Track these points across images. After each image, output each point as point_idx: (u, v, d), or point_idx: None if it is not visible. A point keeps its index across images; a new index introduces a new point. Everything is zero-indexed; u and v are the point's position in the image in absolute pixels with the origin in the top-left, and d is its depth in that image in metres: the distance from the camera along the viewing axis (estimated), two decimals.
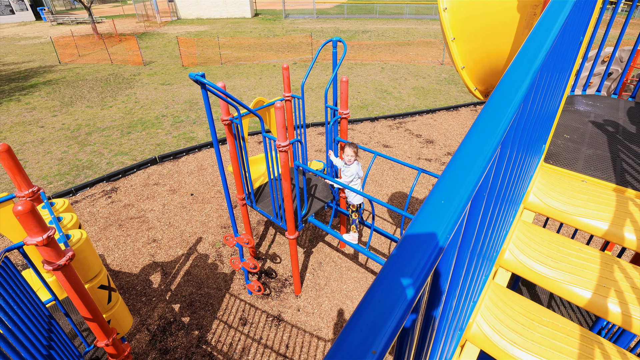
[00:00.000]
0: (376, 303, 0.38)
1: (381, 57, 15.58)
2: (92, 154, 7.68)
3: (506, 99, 0.69)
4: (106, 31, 21.99)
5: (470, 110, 9.99)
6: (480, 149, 0.59)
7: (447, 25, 2.25)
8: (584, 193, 1.69)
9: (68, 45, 17.35)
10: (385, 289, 0.40)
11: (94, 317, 2.37)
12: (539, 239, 1.57)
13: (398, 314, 0.38)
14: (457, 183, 0.53)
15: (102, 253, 5.03)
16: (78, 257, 2.41)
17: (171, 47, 18.04)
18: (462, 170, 0.56)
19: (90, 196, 6.29)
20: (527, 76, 0.74)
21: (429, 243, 0.44)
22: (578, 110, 2.58)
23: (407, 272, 0.41)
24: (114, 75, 13.55)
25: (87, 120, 9.38)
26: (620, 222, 1.53)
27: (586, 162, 1.93)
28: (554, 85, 1.39)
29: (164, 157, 7.39)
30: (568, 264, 1.44)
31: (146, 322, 4.01)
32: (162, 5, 29.46)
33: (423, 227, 0.46)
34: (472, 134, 0.62)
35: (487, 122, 0.64)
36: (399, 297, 0.39)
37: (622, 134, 2.20)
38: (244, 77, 13.09)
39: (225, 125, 3.49)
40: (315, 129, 8.63)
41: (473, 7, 2.11)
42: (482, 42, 2.15)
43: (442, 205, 0.49)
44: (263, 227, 5.51)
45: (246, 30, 22.54)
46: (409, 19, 28.01)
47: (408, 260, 0.43)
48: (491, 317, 1.39)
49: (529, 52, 0.82)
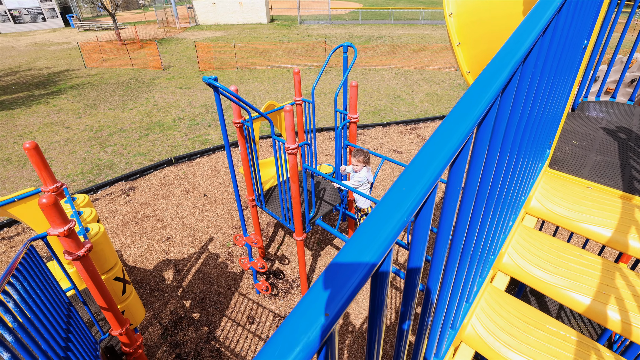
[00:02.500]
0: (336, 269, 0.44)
1: (395, 63, 15.59)
2: (113, 154, 8.00)
3: (486, 80, 0.69)
4: (129, 37, 22.85)
5: None
6: (453, 130, 0.59)
7: (453, 30, 2.28)
8: (588, 199, 1.68)
9: (93, 51, 18.13)
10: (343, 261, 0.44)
11: (109, 307, 2.50)
12: (539, 244, 1.58)
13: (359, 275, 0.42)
14: (426, 162, 0.54)
15: (119, 249, 5.24)
16: (95, 249, 2.56)
17: (189, 52, 18.58)
18: (433, 148, 0.56)
19: (109, 194, 6.56)
20: (505, 69, 0.74)
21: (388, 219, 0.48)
22: (590, 116, 2.55)
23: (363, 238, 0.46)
24: (134, 79, 14.06)
25: (109, 122, 9.79)
26: (625, 230, 1.51)
27: (593, 168, 1.91)
28: (555, 88, 1.40)
29: (180, 159, 7.63)
30: (568, 270, 1.44)
31: (158, 317, 4.15)
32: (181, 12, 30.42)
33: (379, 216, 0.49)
34: (446, 121, 0.62)
35: (466, 101, 0.64)
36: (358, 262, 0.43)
37: (634, 140, 2.16)
38: (258, 81, 13.35)
39: (237, 127, 3.61)
40: (326, 134, 8.73)
41: (478, 12, 2.14)
42: (487, 47, 2.18)
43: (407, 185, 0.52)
44: (272, 228, 5.61)
45: (262, 36, 22.98)
46: (424, 24, 27.90)
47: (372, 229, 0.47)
48: (486, 319, 1.40)
49: (516, 37, 0.82)
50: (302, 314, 0.39)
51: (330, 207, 4.22)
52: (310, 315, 0.39)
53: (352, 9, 36.30)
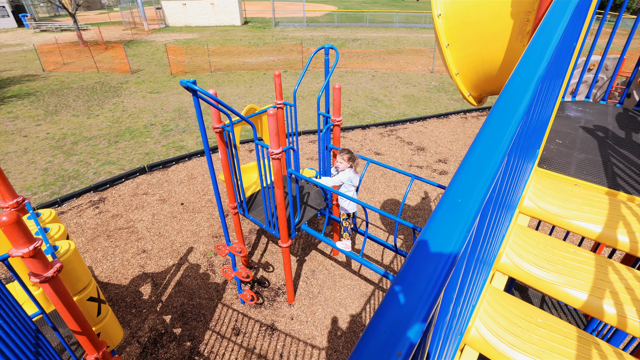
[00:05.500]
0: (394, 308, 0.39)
1: (372, 65, 15.81)
2: (79, 163, 7.52)
3: (511, 109, 0.70)
4: (92, 39, 21.75)
5: (460, 118, 10.18)
6: (489, 157, 0.60)
7: (442, 32, 2.27)
8: (577, 197, 1.72)
9: (52, 53, 17.07)
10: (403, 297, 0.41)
11: (83, 330, 2.31)
12: (535, 242, 1.59)
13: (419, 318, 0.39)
14: (468, 191, 0.55)
15: (90, 265, 4.90)
16: (66, 269, 2.36)
17: (159, 55, 17.95)
18: (472, 178, 0.57)
19: (77, 207, 6.15)
20: (530, 86, 0.76)
21: (442, 251, 0.46)
22: (569, 116, 2.63)
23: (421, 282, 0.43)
24: (100, 83, 13.37)
25: (73, 130, 9.21)
26: (612, 225, 1.55)
27: (578, 166, 1.96)
28: (551, 92, 1.43)
29: (153, 167, 7.29)
30: (563, 267, 1.46)
31: (136, 335, 3.91)
32: (149, 13, 29.35)
33: (436, 234, 0.48)
34: (480, 141, 0.64)
35: (494, 131, 0.66)
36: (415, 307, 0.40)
37: (612, 139, 2.26)
38: (234, 85, 13.09)
39: (216, 133, 3.48)
40: (306, 137, 8.67)
41: (467, 13, 2.14)
42: (476, 49, 2.17)
43: (454, 214, 0.50)
44: (255, 235, 5.47)
45: (236, 39, 22.62)
46: (398, 27, 28.57)
47: (421, 270, 0.44)
48: (490, 320, 1.39)
49: (532, 60, 0.83)
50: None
51: (315, 211, 4.15)
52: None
53: (327, 12, 36.58)
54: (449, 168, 7.38)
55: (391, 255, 5.10)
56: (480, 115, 10.41)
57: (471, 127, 9.52)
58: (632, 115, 2.60)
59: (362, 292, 4.47)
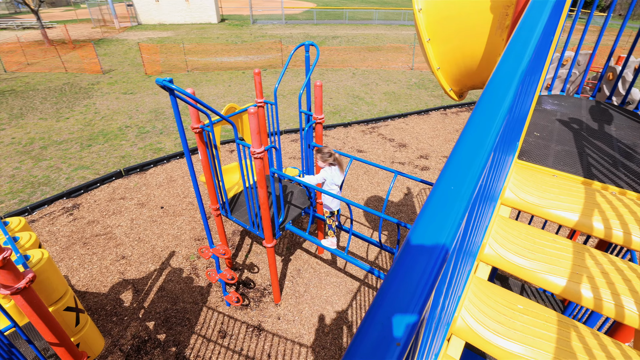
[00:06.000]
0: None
1: (352, 63, 15.88)
2: (49, 169, 7.17)
3: (497, 103, 0.72)
4: (58, 37, 20.72)
5: (440, 114, 10.38)
6: (477, 151, 0.61)
7: (422, 26, 2.27)
8: (555, 187, 1.78)
9: (14, 53, 16.15)
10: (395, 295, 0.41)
11: (61, 342, 2.21)
12: (516, 233, 1.64)
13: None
14: (458, 183, 0.55)
15: (66, 274, 4.70)
16: (40, 279, 2.25)
17: (132, 54, 17.35)
18: (461, 171, 0.57)
19: (49, 214, 5.87)
20: (515, 79, 0.77)
21: (434, 248, 0.46)
22: (545, 109, 2.70)
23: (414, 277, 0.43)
24: (69, 84, 12.79)
25: (41, 134, 8.77)
26: (588, 213, 1.62)
27: (556, 157, 2.02)
28: (531, 86, 1.46)
29: (130, 170, 7.06)
30: (543, 255, 1.51)
31: (118, 343, 3.78)
32: (120, 10, 28.24)
33: (428, 228, 0.48)
34: (467, 135, 0.65)
35: (481, 125, 0.67)
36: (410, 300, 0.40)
37: (586, 130, 2.35)
38: (212, 84, 12.84)
39: (196, 133, 3.40)
40: (288, 136, 8.62)
41: (448, 8, 2.15)
42: (457, 43, 2.19)
43: (444, 207, 0.51)
44: (239, 237, 5.39)
45: (212, 37, 22.17)
46: (378, 24, 28.80)
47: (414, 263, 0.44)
48: (475, 309, 1.43)
49: (515, 54, 0.85)
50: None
51: (299, 210, 4.14)
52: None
53: (306, 9, 36.40)
54: (431, 163, 7.52)
55: (376, 251, 5.16)
56: (460, 111, 10.66)
57: (451, 122, 9.72)
58: (603, 108, 2.72)
59: (348, 289, 4.50)
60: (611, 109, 2.69)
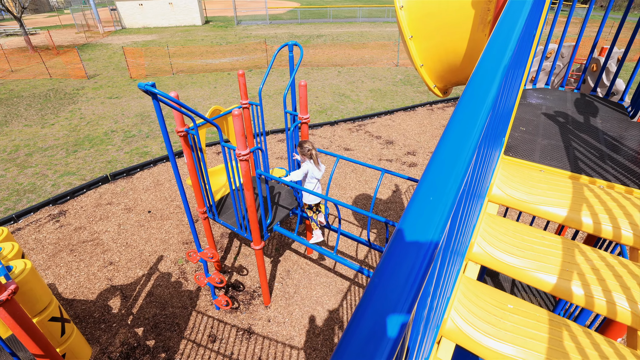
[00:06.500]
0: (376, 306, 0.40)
1: (337, 61, 15.91)
2: (35, 176, 7.06)
3: (480, 98, 0.70)
4: (42, 43, 20.35)
5: (426, 110, 10.44)
6: (461, 148, 0.60)
7: (404, 24, 2.25)
8: (542, 182, 1.73)
9: None
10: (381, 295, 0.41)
11: (46, 353, 2.20)
12: (504, 230, 1.60)
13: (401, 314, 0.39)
14: (442, 181, 0.54)
15: (53, 282, 4.64)
16: (23, 290, 2.23)
17: (117, 58, 17.11)
18: (445, 168, 0.57)
19: (35, 222, 5.79)
20: (497, 74, 0.76)
21: (421, 246, 0.46)
22: (530, 103, 2.65)
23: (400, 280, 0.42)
24: (54, 90, 12.57)
25: (26, 141, 8.63)
26: (577, 208, 1.59)
27: (542, 152, 1.98)
28: (515, 80, 1.43)
29: (117, 175, 6.98)
30: (533, 252, 1.48)
31: (107, 350, 3.76)
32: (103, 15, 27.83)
33: (414, 225, 0.48)
34: (450, 132, 0.64)
35: (464, 122, 0.66)
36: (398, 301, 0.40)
37: (571, 124, 2.31)
38: (197, 86, 12.75)
39: (180, 137, 3.39)
40: (274, 136, 8.61)
41: (429, 4, 2.13)
42: (439, 40, 2.18)
43: (430, 204, 0.50)
44: (227, 239, 5.39)
45: (197, 39, 21.98)
46: (362, 22, 28.84)
47: (401, 264, 0.44)
48: (464, 310, 1.39)
49: (497, 48, 0.84)
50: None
51: (287, 211, 4.16)
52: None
53: (290, 8, 36.28)
54: (418, 160, 7.59)
55: (365, 249, 5.20)
56: (446, 106, 10.74)
57: (437, 118, 9.80)
58: (588, 100, 2.68)
59: (338, 289, 4.53)
60: (596, 101, 2.67)
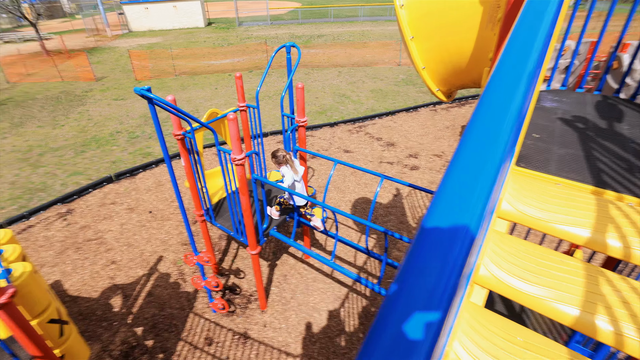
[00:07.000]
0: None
1: (338, 61, 15.86)
2: (46, 175, 7.30)
3: (504, 105, 0.66)
4: (55, 48, 20.79)
5: (429, 110, 10.23)
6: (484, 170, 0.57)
7: (405, 23, 2.11)
8: (559, 197, 1.53)
9: (15, 64, 16.36)
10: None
11: (45, 355, 2.29)
12: (514, 250, 1.40)
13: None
14: (466, 203, 0.49)
15: (60, 278, 4.79)
16: (22, 293, 2.33)
17: (123, 61, 17.41)
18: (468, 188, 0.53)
19: (45, 219, 5.99)
20: (521, 82, 0.69)
21: (459, 229, 0.42)
22: (544, 106, 2.36)
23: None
24: (65, 92, 12.89)
25: (39, 141, 8.92)
26: (601, 228, 1.38)
27: (559, 163, 1.77)
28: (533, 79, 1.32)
29: (120, 175, 7.14)
30: (549, 278, 1.29)
31: (108, 349, 3.87)
32: (112, 19, 28.28)
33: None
34: (467, 149, 0.61)
35: (484, 139, 0.62)
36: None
37: (592, 130, 2.03)
38: (199, 88, 12.89)
39: (178, 140, 3.46)
40: (274, 138, 8.64)
41: (432, 2, 2.00)
42: (443, 40, 2.04)
43: (453, 229, 0.45)
44: (225, 241, 5.47)
45: (200, 40, 22.19)
46: (364, 21, 28.61)
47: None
48: (469, 342, 1.24)
49: (524, 41, 0.76)
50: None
51: (283, 216, 4.20)
52: None
53: (291, 9, 36.27)
54: (420, 162, 7.45)
55: (365, 256, 5.13)
56: (450, 107, 10.45)
57: (441, 119, 9.58)
58: (611, 103, 2.36)
59: (335, 296, 4.49)
60: (621, 104, 2.34)
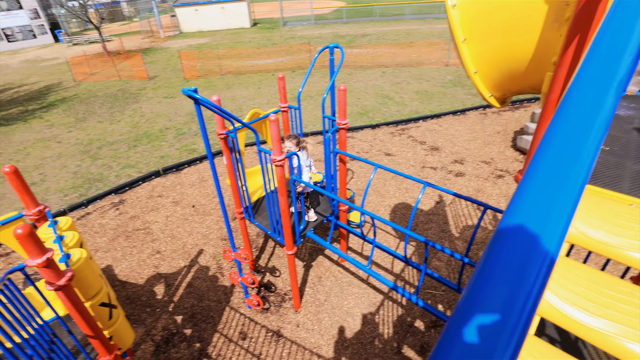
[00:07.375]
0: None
1: (382, 61, 15.58)
2: (103, 167, 7.94)
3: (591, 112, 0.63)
4: (115, 49, 22.72)
5: (479, 114, 9.61)
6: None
7: (457, 25, 1.97)
8: (633, 221, 1.35)
9: (81, 64, 18.08)
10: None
11: (96, 335, 2.45)
12: (575, 277, 1.27)
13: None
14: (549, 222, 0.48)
15: (111, 263, 5.16)
16: (78, 277, 2.50)
17: (174, 60, 18.46)
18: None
19: (100, 208, 6.49)
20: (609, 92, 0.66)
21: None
22: (617, 115, 2.13)
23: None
24: (122, 90, 13.95)
25: (98, 135, 9.75)
26: None
27: (634, 180, 1.56)
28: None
29: (167, 169, 7.55)
30: (616, 312, 1.14)
31: (151, 333, 4.08)
32: (165, 21, 30.25)
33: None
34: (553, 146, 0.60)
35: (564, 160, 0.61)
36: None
37: None
38: (243, 87, 13.29)
39: (221, 139, 3.55)
40: (315, 138, 8.68)
41: (487, 1, 1.84)
42: (499, 42, 1.89)
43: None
44: (263, 239, 5.56)
45: (245, 40, 22.91)
46: (410, 19, 27.76)
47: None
48: None
49: (611, 51, 0.72)
50: None
51: (321, 218, 4.17)
52: None
53: (335, 8, 36.27)
54: (466, 169, 7.05)
55: (402, 263, 4.94)
56: (502, 111, 9.73)
57: (491, 124, 8.99)
58: None
59: (370, 302, 4.38)
60: None
